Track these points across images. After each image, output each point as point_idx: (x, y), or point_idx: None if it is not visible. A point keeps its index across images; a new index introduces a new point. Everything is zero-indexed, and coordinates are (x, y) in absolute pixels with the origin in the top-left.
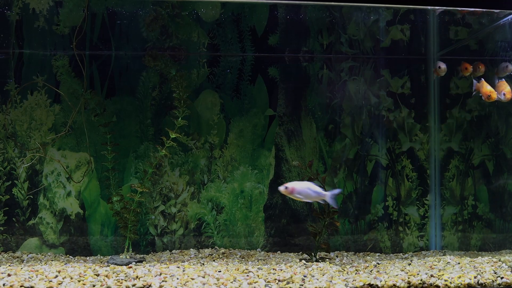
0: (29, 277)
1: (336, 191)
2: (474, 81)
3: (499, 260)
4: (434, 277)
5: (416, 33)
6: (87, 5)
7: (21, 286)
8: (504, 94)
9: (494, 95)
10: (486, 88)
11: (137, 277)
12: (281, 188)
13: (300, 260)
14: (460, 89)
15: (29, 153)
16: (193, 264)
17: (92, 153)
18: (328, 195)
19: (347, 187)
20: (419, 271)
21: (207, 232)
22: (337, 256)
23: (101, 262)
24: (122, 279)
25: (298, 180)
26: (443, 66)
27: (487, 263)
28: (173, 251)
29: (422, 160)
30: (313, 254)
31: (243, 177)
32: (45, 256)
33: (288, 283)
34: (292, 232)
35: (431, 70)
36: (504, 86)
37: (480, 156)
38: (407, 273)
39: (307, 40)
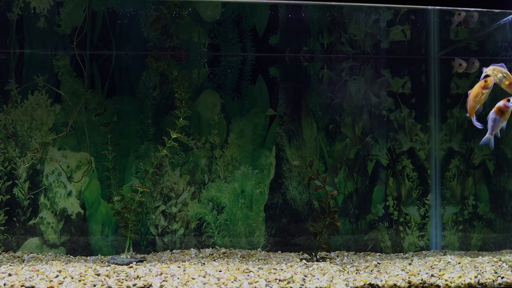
0: (29, 277)
1: None
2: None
3: (500, 260)
4: (434, 276)
5: (417, 33)
6: (88, 5)
7: (21, 286)
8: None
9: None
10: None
11: (137, 276)
12: None
13: (301, 260)
14: (461, 89)
15: (29, 153)
16: (194, 263)
17: (93, 153)
18: None
19: (348, 187)
20: (420, 271)
21: (208, 232)
22: (337, 256)
23: (102, 262)
24: (123, 279)
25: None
26: (464, 63)
27: (488, 262)
28: (174, 251)
29: (423, 160)
30: (313, 254)
31: (243, 177)
32: (45, 256)
33: (288, 282)
34: (292, 232)
35: (432, 69)
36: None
37: (481, 156)
38: (407, 272)
39: (307, 40)
